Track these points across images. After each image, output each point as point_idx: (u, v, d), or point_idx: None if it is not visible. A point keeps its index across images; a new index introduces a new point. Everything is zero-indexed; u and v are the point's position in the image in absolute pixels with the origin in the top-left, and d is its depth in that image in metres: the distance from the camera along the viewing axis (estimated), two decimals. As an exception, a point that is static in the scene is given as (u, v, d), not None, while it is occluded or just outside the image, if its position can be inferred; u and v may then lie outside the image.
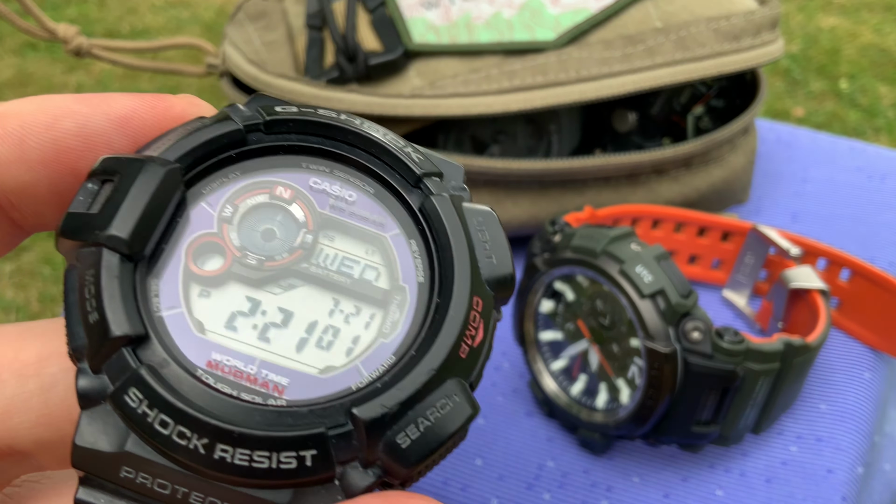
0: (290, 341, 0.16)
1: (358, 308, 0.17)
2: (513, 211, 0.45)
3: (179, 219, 0.16)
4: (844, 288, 0.44)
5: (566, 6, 0.44)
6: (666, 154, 0.45)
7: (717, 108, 0.51)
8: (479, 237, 0.17)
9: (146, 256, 0.16)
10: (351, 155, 0.18)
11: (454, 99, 0.42)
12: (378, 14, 0.44)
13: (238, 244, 0.17)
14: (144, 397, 0.14)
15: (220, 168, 0.17)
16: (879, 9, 1.82)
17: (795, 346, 0.35)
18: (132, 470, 0.14)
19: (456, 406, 0.15)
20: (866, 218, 0.54)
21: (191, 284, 0.16)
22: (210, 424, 0.14)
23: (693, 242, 0.46)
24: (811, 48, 1.70)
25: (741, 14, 0.44)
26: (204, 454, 0.14)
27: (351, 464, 0.15)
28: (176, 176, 0.16)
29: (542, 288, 0.38)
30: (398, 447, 0.15)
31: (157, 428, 0.14)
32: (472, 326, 0.16)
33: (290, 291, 0.16)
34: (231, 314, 0.16)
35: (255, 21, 0.47)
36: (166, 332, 0.15)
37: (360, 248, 0.17)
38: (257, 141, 0.17)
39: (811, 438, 0.39)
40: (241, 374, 0.15)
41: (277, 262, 0.17)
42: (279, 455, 0.14)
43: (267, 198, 0.17)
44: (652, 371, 0.34)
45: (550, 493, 0.38)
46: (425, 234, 0.17)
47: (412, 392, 0.15)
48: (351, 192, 0.17)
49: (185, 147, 0.16)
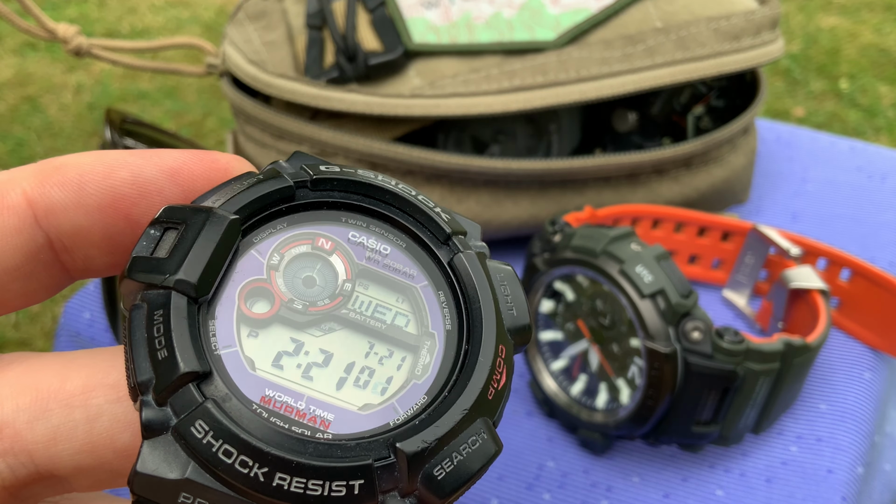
0: (331, 380, 0.18)
1: (391, 351, 0.18)
2: (513, 211, 0.45)
3: (234, 264, 0.18)
4: (844, 288, 0.44)
5: (566, 6, 0.44)
6: (666, 154, 0.45)
7: (717, 108, 0.51)
8: (502, 291, 0.19)
9: (207, 300, 0.17)
10: (386, 212, 0.19)
11: (454, 99, 0.42)
12: (378, 14, 0.44)
13: (284, 290, 0.18)
14: (210, 428, 0.16)
15: (270, 220, 0.19)
16: (880, 8, 1.82)
17: (795, 346, 0.35)
18: (190, 496, 0.16)
19: (484, 443, 0.17)
20: (866, 218, 0.54)
21: (241, 326, 0.18)
22: (271, 454, 0.16)
23: (693, 242, 0.46)
24: (811, 48, 1.70)
25: (741, 14, 0.44)
26: (263, 482, 0.16)
27: (391, 493, 0.16)
28: (236, 226, 0.18)
29: (543, 288, 0.38)
30: (435, 479, 0.16)
31: (221, 457, 0.16)
32: (497, 371, 0.18)
33: (329, 334, 0.18)
34: (277, 353, 0.18)
35: (255, 21, 0.47)
36: (224, 369, 0.17)
37: (392, 297, 0.19)
38: (303, 196, 0.19)
39: (811, 438, 0.39)
40: (291, 409, 0.17)
41: (320, 308, 0.18)
42: (331, 484, 0.16)
43: (309, 248, 0.19)
44: (652, 371, 0.34)
45: (550, 494, 0.38)
46: (453, 287, 0.19)
47: (448, 429, 0.17)
48: (385, 246, 0.19)
49: (242, 200, 0.18)
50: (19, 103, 1.59)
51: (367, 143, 0.42)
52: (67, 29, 0.45)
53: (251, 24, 0.46)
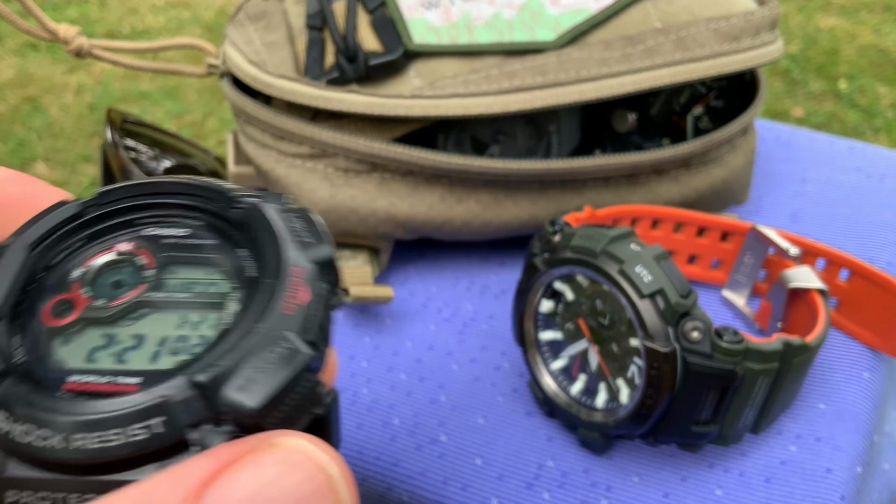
0: (145, 357, 0.18)
1: (203, 315, 0.19)
2: (512, 211, 0.46)
3: (39, 286, 0.19)
4: (843, 288, 0.44)
5: (566, 6, 0.44)
6: (665, 154, 0.45)
7: (716, 108, 0.51)
8: (295, 227, 0.20)
9: (10, 319, 0.18)
10: (176, 200, 0.21)
11: (454, 99, 0.42)
12: (378, 14, 0.44)
13: (90, 295, 0.19)
14: (5, 418, 0.16)
15: (66, 240, 0.20)
16: (879, 9, 1.82)
17: (795, 346, 0.35)
18: (17, 491, 0.17)
19: (290, 352, 0.17)
20: (865, 218, 0.54)
21: (51, 338, 0.19)
22: (65, 421, 0.16)
23: (692, 242, 0.47)
24: (810, 48, 1.70)
25: (740, 15, 0.44)
26: (64, 447, 0.16)
27: (202, 427, 0.16)
28: (30, 253, 0.19)
29: (542, 288, 0.38)
30: (237, 399, 0.16)
31: (19, 439, 0.16)
32: (293, 287, 0.18)
33: (140, 320, 0.19)
34: (90, 350, 0.18)
35: (255, 21, 0.47)
36: (27, 373, 0.18)
37: (200, 272, 0.20)
38: (94, 212, 0.21)
39: (810, 438, 0.39)
40: (96, 386, 0.18)
41: (123, 298, 0.19)
42: (128, 429, 0.16)
43: (114, 255, 0.20)
44: (651, 371, 0.34)
45: (550, 493, 0.38)
46: (249, 241, 0.20)
47: (242, 349, 0.17)
48: (182, 230, 0.21)
49: (34, 229, 0.20)
50: (20, 103, 1.59)
51: (367, 143, 0.42)
52: (68, 29, 0.45)
53: (251, 25, 0.46)
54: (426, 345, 0.45)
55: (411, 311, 0.47)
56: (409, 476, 0.39)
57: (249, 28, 0.46)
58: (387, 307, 0.47)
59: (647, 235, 0.46)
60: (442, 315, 0.47)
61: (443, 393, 0.42)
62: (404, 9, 0.44)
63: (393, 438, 0.40)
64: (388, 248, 0.48)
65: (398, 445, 0.40)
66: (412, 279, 0.49)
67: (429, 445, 0.40)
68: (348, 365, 0.44)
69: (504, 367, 0.44)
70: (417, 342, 0.45)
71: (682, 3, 0.44)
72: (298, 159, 0.43)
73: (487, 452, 0.39)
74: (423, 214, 0.44)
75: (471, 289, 0.49)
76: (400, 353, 0.44)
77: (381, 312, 0.47)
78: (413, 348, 0.45)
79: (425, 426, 0.41)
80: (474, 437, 0.40)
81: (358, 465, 0.39)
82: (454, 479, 0.38)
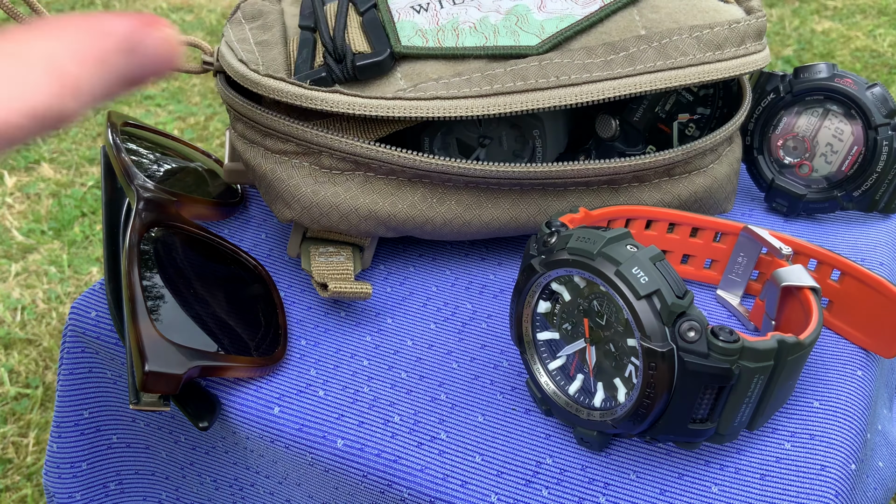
0: None
1: None
2: (493, 212, 0.46)
3: None
4: (835, 288, 0.45)
5: (552, 12, 0.44)
6: (646, 162, 0.45)
7: (703, 116, 0.51)
8: None
9: None
10: None
11: (435, 101, 0.42)
12: (368, 16, 0.44)
13: None
14: None
15: None
16: (873, 13, 1.83)
17: (789, 344, 0.36)
18: None
19: None
20: (856, 218, 0.55)
21: None
22: None
23: (686, 242, 0.47)
24: (805, 52, 1.71)
25: (725, 24, 0.45)
26: None
27: None
28: None
29: (540, 289, 0.39)
30: None
31: None
32: None
33: None
34: None
35: (251, 20, 0.47)
36: None
37: None
38: None
39: (805, 435, 0.40)
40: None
41: None
42: None
43: None
44: (648, 370, 0.34)
45: (548, 490, 0.38)
46: None
47: None
48: None
49: None
50: (18, 106, 1.59)
51: (350, 142, 0.43)
52: (71, 33, 0.46)
53: (248, 24, 0.47)
54: (426, 344, 0.46)
55: (411, 310, 0.48)
56: (409, 473, 0.39)
57: (245, 27, 0.47)
58: (387, 307, 0.48)
59: (642, 235, 0.47)
60: (441, 314, 0.47)
61: (443, 391, 0.43)
62: (395, 11, 0.45)
63: (394, 436, 0.40)
64: (372, 244, 0.48)
65: (399, 442, 0.40)
66: (412, 279, 0.50)
67: (429, 443, 0.40)
68: (349, 364, 0.44)
69: (503, 365, 0.44)
70: (417, 341, 0.46)
71: (668, 12, 0.45)
72: (284, 156, 0.44)
73: (487, 450, 0.40)
74: (405, 213, 0.45)
75: (470, 288, 0.49)
76: (400, 352, 0.45)
77: (381, 312, 0.47)
78: (413, 347, 0.45)
79: (425, 424, 0.41)
80: (474, 434, 0.41)
81: (359, 462, 0.40)
82: (454, 476, 0.39)
